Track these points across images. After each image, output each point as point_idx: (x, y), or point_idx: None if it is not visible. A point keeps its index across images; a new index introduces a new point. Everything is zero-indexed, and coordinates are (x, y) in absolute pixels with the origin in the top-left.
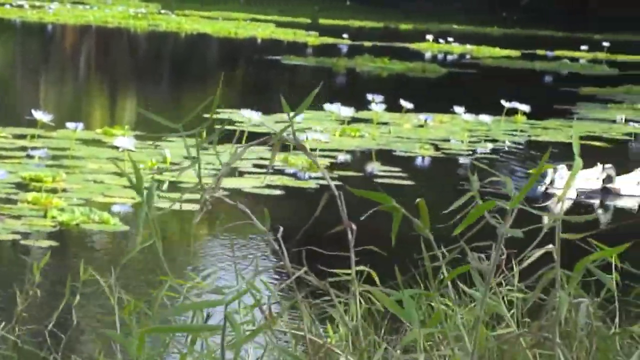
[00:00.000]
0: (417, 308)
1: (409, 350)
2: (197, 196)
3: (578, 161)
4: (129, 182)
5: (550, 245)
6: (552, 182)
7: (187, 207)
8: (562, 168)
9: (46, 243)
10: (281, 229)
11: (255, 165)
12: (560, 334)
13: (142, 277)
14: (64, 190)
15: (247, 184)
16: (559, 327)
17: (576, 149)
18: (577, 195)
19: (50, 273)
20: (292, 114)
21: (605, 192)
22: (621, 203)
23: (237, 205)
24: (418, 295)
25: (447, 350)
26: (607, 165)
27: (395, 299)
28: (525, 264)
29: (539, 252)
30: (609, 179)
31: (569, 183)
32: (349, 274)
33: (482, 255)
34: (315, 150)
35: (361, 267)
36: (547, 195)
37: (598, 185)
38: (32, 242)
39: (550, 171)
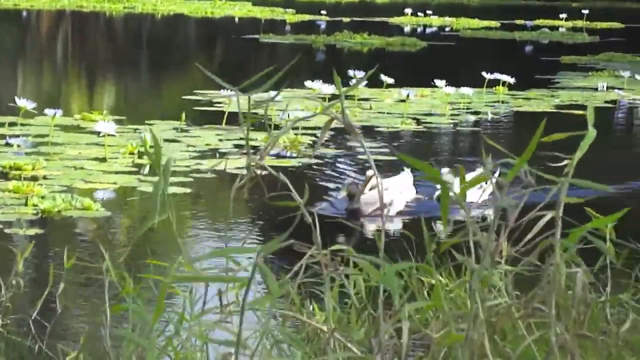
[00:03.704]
0: (407, 280)
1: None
2: (187, 179)
3: (592, 132)
4: (148, 157)
5: (549, 213)
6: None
7: (180, 190)
8: (446, 173)
9: (28, 232)
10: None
11: (236, 146)
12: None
13: (133, 262)
14: (44, 177)
15: (230, 164)
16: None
17: (590, 120)
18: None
19: (34, 261)
20: (343, 89)
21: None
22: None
23: (279, 176)
24: (411, 268)
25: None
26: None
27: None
28: (527, 236)
29: (542, 220)
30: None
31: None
32: (340, 250)
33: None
34: (297, 128)
35: (339, 246)
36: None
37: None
38: (15, 231)
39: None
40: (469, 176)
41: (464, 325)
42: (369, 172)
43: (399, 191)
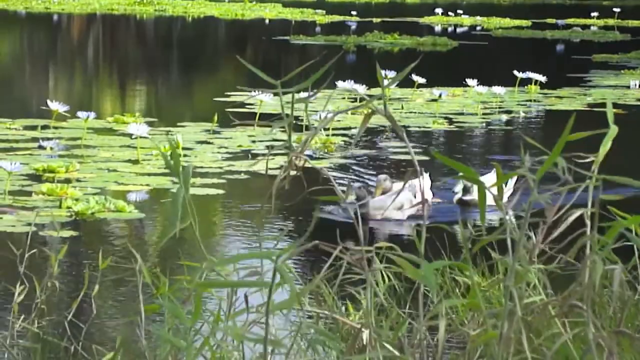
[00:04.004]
0: (441, 280)
1: (436, 328)
2: (219, 180)
3: (614, 128)
4: (166, 164)
5: (583, 210)
6: (466, 190)
7: (210, 191)
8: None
9: (62, 234)
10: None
11: (268, 147)
12: (593, 305)
13: (166, 263)
14: (77, 180)
15: (262, 165)
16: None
17: (610, 118)
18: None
19: (68, 263)
20: (385, 82)
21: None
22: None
23: (321, 170)
24: (445, 266)
25: (477, 322)
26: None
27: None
28: (557, 232)
29: (573, 216)
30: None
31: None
32: (370, 250)
33: (515, 224)
34: (328, 129)
35: (384, 243)
36: (464, 204)
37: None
38: (49, 233)
39: (460, 181)
40: (487, 178)
41: (499, 322)
42: (382, 176)
43: (412, 195)
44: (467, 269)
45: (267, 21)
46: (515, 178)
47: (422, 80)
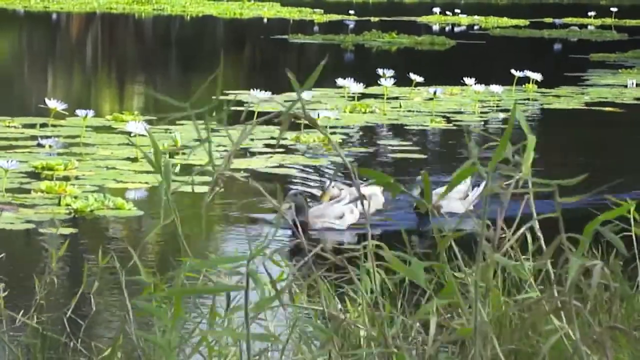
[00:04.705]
0: (428, 279)
1: (426, 324)
2: (210, 178)
3: (532, 138)
4: (147, 161)
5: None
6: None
7: (202, 189)
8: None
9: (62, 231)
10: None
11: (267, 145)
12: (582, 298)
13: (159, 260)
14: (76, 177)
15: (259, 164)
16: (581, 292)
17: (525, 128)
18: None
19: (68, 260)
20: (300, 89)
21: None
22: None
23: (250, 182)
24: (429, 266)
25: (462, 318)
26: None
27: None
28: (522, 229)
29: (538, 218)
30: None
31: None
32: (358, 250)
33: (488, 222)
34: (326, 127)
35: (374, 242)
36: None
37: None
38: (49, 230)
39: (417, 186)
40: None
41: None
42: (328, 182)
43: (353, 204)
44: (443, 267)
45: (265, 20)
46: (481, 187)
47: (420, 79)
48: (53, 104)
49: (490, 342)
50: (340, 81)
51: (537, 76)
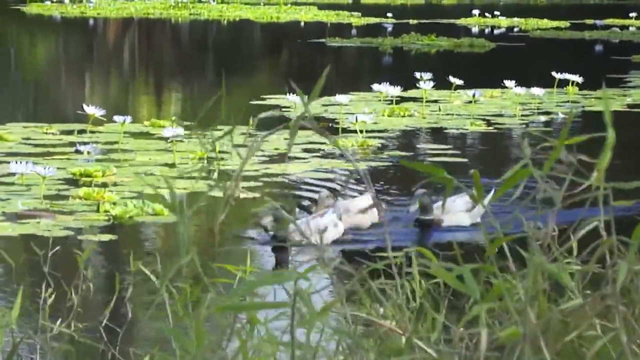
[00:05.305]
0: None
1: (468, 328)
2: (256, 184)
3: (611, 135)
4: (164, 204)
5: (601, 217)
6: (424, 209)
7: (250, 195)
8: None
9: (100, 237)
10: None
11: (305, 150)
12: (627, 303)
13: (204, 266)
14: (114, 184)
15: (297, 169)
16: (628, 296)
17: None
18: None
19: (108, 267)
20: (305, 98)
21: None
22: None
23: (263, 197)
24: (476, 269)
25: (509, 323)
26: (420, 191)
27: (456, 275)
28: (579, 234)
29: (592, 223)
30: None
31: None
32: (396, 256)
33: (539, 224)
34: (362, 132)
35: (414, 248)
36: (422, 224)
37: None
38: (87, 237)
39: (416, 200)
40: (453, 199)
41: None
42: (323, 192)
43: (337, 217)
44: (492, 269)
45: (302, 24)
46: (490, 195)
47: (459, 82)
48: (91, 110)
49: (537, 348)
50: (376, 86)
51: (577, 78)
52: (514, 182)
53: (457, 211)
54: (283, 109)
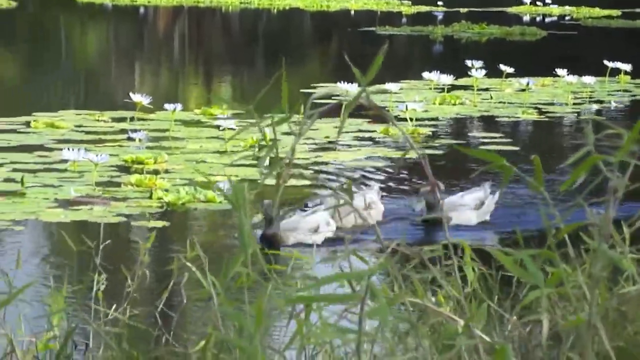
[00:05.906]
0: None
1: (523, 315)
2: (306, 172)
3: None
4: (228, 202)
5: None
6: (430, 207)
7: (299, 182)
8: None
9: (154, 224)
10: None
11: (355, 138)
12: None
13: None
14: (166, 171)
15: (347, 157)
16: None
17: None
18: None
19: (161, 253)
20: (363, 79)
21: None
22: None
23: (305, 174)
24: (536, 255)
25: (568, 310)
26: (425, 189)
27: (514, 260)
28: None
29: None
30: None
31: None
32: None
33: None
34: (412, 120)
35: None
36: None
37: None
38: (141, 223)
39: (421, 198)
40: (465, 195)
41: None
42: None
43: (329, 215)
44: (553, 256)
45: (352, 12)
46: (497, 195)
47: (510, 70)
48: (138, 97)
49: (597, 335)
50: (426, 74)
51: (629, 67)
52: (584, 169)
53: (465, 209)
54: (334, 97)
